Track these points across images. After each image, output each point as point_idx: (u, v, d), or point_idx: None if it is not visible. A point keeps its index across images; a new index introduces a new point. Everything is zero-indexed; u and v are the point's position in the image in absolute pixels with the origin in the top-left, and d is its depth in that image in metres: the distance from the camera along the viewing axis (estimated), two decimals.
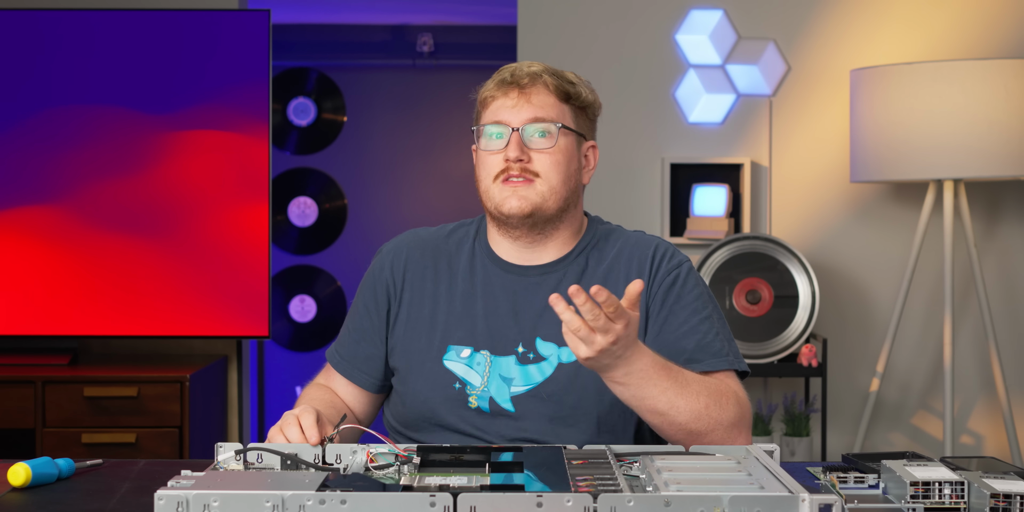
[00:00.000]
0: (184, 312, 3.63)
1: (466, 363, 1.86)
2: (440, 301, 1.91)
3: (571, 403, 1.84)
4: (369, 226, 5.83)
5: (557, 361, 1.85)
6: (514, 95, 1.87)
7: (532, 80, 1.87)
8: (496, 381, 1.85)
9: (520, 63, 1.92)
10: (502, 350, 1.86)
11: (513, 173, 1.85)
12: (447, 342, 1.88)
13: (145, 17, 3.65)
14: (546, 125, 1.86)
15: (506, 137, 1.86)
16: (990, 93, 3.43)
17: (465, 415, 1.85)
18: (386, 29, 5.86)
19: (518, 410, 1.84)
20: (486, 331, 1.87)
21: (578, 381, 1.84)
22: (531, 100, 1.87)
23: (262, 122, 3.64)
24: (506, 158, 1.85)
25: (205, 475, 1.42)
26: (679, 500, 1.30)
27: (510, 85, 1.88)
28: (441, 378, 1.86)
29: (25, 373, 3.46)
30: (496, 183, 1.86)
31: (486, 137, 1.88)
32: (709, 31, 3.92)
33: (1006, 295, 3.95)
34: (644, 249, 1.92)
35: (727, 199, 3.86)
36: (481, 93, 1.92)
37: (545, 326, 1.87)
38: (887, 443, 3.94)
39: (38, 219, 3.63)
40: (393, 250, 1.98)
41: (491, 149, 1.87)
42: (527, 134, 1.86)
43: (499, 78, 1.89)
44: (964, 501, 1.40)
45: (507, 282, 1.91)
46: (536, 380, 1.85)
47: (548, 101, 1.87)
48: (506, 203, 1.85)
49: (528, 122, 1.86)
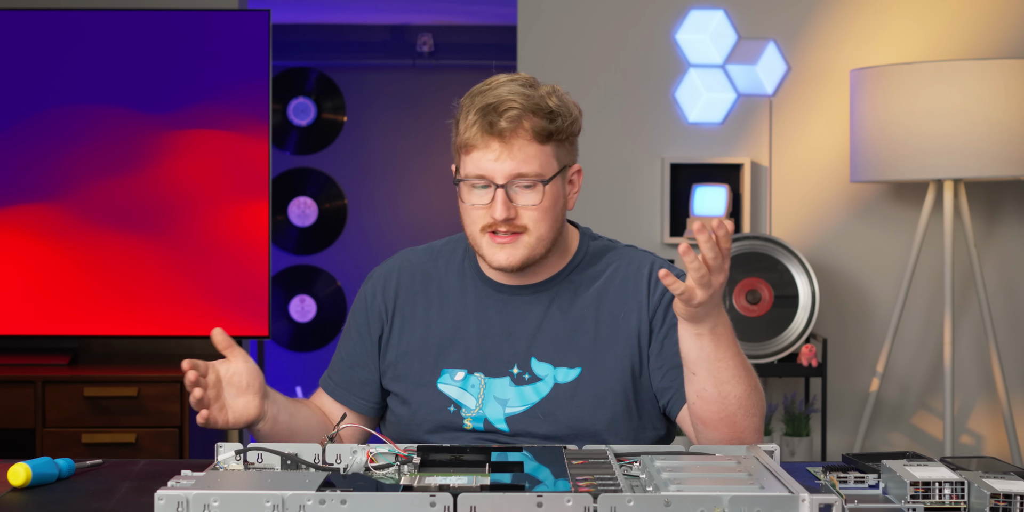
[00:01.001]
0: (184, 312, 3.63)
1: (460, 386, 1.86)
2: (432, 325, 1.90)
3: (568, 422, 1.83)
4: (369, 226, 5.83)
5: (553, 381, 1.84)
6: (495, 146, 1.78)
7: (512, 127, 1.77)
8: (491, 403, 1.84)
9: (498, 93, 1.79)
10: (496, 372, 1.86)
11: (501, 229, 1.80)
12: (441, 366, 1.87)
13: (145, 17, 3.65)
14: (531, 180, 1.79)
15: (490, 193, 1.79)
16: (990, 93, 3.43)
17: (459, 438, 1.84)
18: (386, 29, 5.86)
19: (513, 430, 1.83)
20: (479, 353, 1.86)
21: (575, 401, 1.83)
22: (513, 153, 1.77)
23: (262, 122, 3.64)
24: (492, 217, 1.79)
25: (205, 475, 1.42)
26: (679, 500, 1.30)
27: (491, 136, 1.77)
28: (436, 402, 1.86)
29: (25, 373, 3.45)
30: (484, 235, 1.82)
31: (468, 188, 1.81)
32: (709, 31, 3.92)
33: (1006, 295, 3.95)
34: (639, 268, 1.90)
35: (727, 199, 3.86)
36: (461, 133, 1.81)
37: (539, 346, 1.86)
38: (887, 443, 3.94)
39: (38, 219, 3.63)
40: (384, 276, 1.95)
41: (475, 203, 1.81)
42: (512, 188, 1.79)
43: (477, 121, 1.78)
44: (964, 501, 1.40)
45: (498, 302, 1.89)
46: (532, 400, 1.84)
47: (531, 151, 1.78)
48: (495, 259, 1.81)
49: (512, 178, 1.78)
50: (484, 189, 1.80)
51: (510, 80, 1.82)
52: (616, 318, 1.86)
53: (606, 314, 1.87)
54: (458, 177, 1.84)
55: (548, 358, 1.85)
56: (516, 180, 1.79)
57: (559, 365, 1.85)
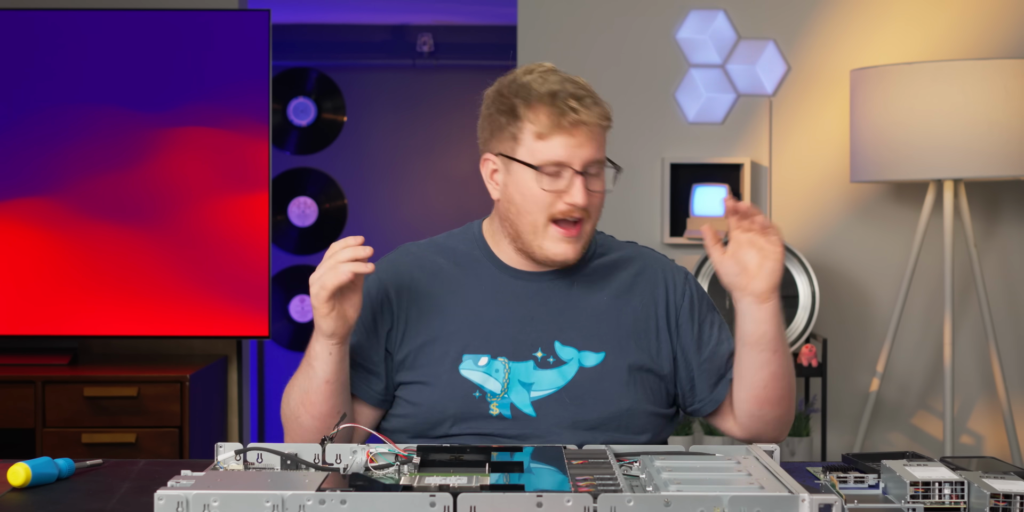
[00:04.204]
0: (184, 312, 3.63)
1: (484, 371, 1.83)
2: (448, 313, 1.88)
3: (594, 406, 1.83)
4: (369, 226, 5.83)
5: (578, 365, 1.85)
6: (577, 133, 1.80)
7: (590, 114, 1.81)
8: (516, 387, 1.83)
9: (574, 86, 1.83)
10: (520, 355, 1.84)
11: (576, 216, 1.82)
12: (462, 351, 1.85)
13: (145, 17, 3.65)
14: (600, 167, 1.85)
15: (564, 180, 1.81)
16: (990, 93, 3.43)
17: (487, 423, 1.82)
18: (386, 29, 5.86)
19: (539, 414, 1.82)
20: (501, 337, 1.85)
21: (602, 385, 1.84)
22: (593, 139, 1.82)
23: (262, 122, 3.64)
24: (571, 202, 1.80)
25: (205, 475, 1.42)
26: (679, 500, 1.30)
27: (577, 124, 1.80)
28: (460, 388, 1.83)
29: (25, 373, 3.46)
30: (550, 226, 1.82)
31: (540, 175, 1.81)
32: (709, 31, 3.92)
33: (1006, 295, 3.95)
34: (650, 265, 1.95)
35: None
36: (530, 121, 1.81)
37: (563, 330, 1.86)
38: (887, 443, 3.94)
39: (38, 219, 3.63)
40: (390, 270, 1.93)
41: (549, 188, 1.81)
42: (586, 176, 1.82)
43: (557, 107, 1.80)
44: (964, 501, 1.40)
45: (518, 288, 1.89)
46: (558, 384, 1.83)
47: (601, 138, 1.85)
48: (557, 252, 1.83)
49: (588, 164, 1.82)
50: (558, 178, 1.81)
51: (550, 70, 1.88)
52: (635, 310, 1.90)
53: (625, 305, 1.90)
54: (530, 163, 1.81)
55: (572, 342, 1.86)
56: (590, 167, 1.83)
57: (583, 349, 1.85)
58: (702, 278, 3.66)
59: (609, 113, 1.86)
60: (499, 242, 1.92)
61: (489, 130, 1.87)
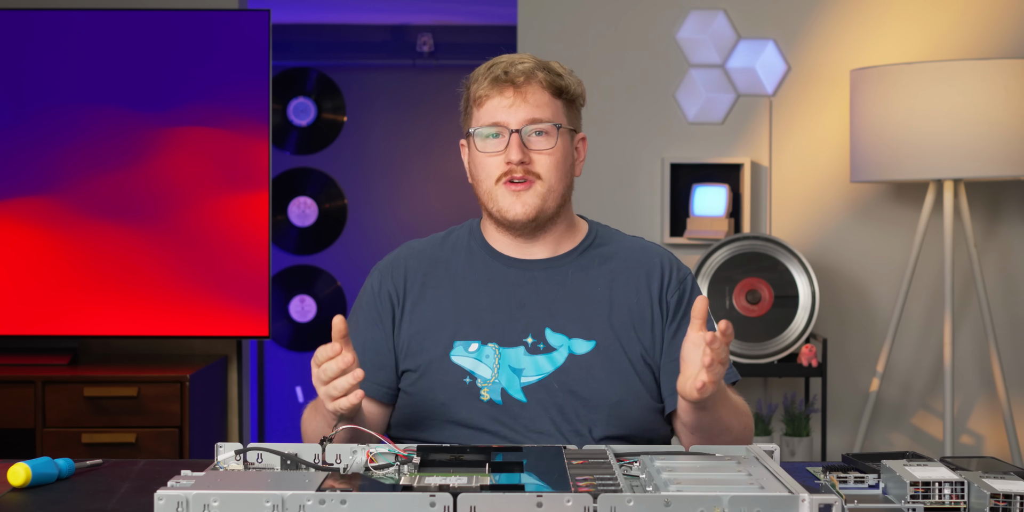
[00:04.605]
0: (184, 312, 3.63)
1: (474, 357, 1.86)
2: (442, 301, 1.91)
3: (584, 393, 1.84)
4: (369, 226, 5.83)
5: (568, 352, 1.86)
6: (509, 94, 1.87)
7: (527, 78, 1.87)
8: (506, 372, 1.85)
9: (510, 57, 1.90)
10: (510, 341, 1.87)
11: (516, 175, 1.86)
12: (453, 338, 1.88)
13: (145, 17, 3.65)
14: (544, 125, 1.87)
15: (505, 138, 1.87)
16: (990, 93, 3.43)
17: (478, 409, 1.84)
18: (386, 29, 5.86)
19: (530, 400, 1.84)
20: (492, 324, 1.88)
21: (591, 372, 1.85)
22: (527, 99, 1.87)
23: (262, 122, 3.64)
24: (507, 160, 1.86)
25: (205, 475, 1.42)
26: (679, 500, 1.30)
27: (504, 83, 1.87)
28: (451, 374, 1.86)
29: (25, 373, 3.46)
30: (499, 186, 1.88)
31: (481, 138, 1.89)
32: (709, 31, 3.92)
33: (1006, 295, 3.95)
34: (651, 257, 1.95)
35: (727, 199, 3.86)
36: (474, 90, 1.90)
37: (553, 317, 1.88)
38: (887, 443, 3.94)
39: (38, 220, 3.63)
40: (391, 263, 1.98)
41: (489, 150, 1.88)
42: (525, 134, 1.87)
43: (491, 75, 1.88)
44: (964, 501, 1.40)
45: (510, 276, 1.92)
46: (547, 370, 1.85)
47: (543, 99, 1.88)
48: (511, 210, 1.87)
49: (527, 123, 1.87)
50: (497, 138, 1.88)
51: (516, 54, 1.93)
52: (629, 301, 1.90)
53: (619, 296, 1.90)
54: (470, 129, 1.90)
55: (563, 329, 1.87)
56: (530, 125, 1.87)
57: (574, 336, 1.87)
58: (702, 278, 3.66)
59: (561, 82, 1.89)
60: (492, 231, 1.95)
61: (461, 119, 1.97)
